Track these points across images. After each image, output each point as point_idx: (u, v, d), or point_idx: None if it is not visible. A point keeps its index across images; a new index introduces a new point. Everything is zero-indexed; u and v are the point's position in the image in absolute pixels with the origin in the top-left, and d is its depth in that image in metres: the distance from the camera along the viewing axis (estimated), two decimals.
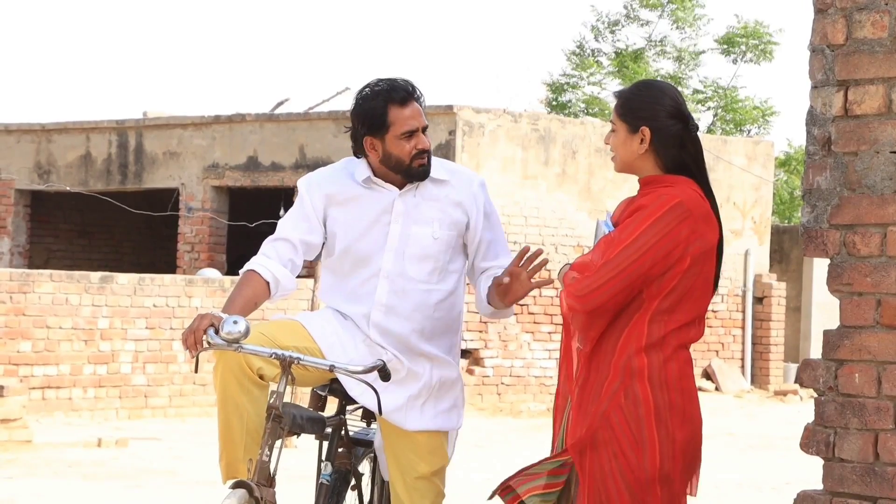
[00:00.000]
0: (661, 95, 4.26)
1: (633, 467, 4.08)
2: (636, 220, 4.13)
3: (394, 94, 4.61)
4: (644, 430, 4.08)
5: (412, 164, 4.62)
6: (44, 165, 20.73)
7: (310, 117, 18.88)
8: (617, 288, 4.09)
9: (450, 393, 4.74)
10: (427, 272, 4.67)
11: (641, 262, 4.08)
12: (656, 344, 4.12)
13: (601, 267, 4.11)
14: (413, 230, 4.66)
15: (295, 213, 4.73)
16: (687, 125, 4.24)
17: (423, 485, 4.68)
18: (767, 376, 20.85)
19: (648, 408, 4.09)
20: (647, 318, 4.12)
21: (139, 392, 15.20)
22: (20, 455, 11.66)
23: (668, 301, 4.12)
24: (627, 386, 4.10)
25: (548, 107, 30.62)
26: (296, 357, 4.41)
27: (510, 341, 17.97)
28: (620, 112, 4.26)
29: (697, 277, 4.15)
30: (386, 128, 4.60)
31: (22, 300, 14.33)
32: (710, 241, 4.17)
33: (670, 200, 4.13)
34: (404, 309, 4.65)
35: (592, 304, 4.11)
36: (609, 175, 18.87)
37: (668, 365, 4.12)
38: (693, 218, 4.13)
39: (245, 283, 4.62)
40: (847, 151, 4.04)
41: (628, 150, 4.25)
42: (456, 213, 4.70)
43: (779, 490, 10.54)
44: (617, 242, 4.12)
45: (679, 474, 4.14)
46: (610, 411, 4.10)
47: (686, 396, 4.15)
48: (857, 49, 4.03)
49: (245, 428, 4.57)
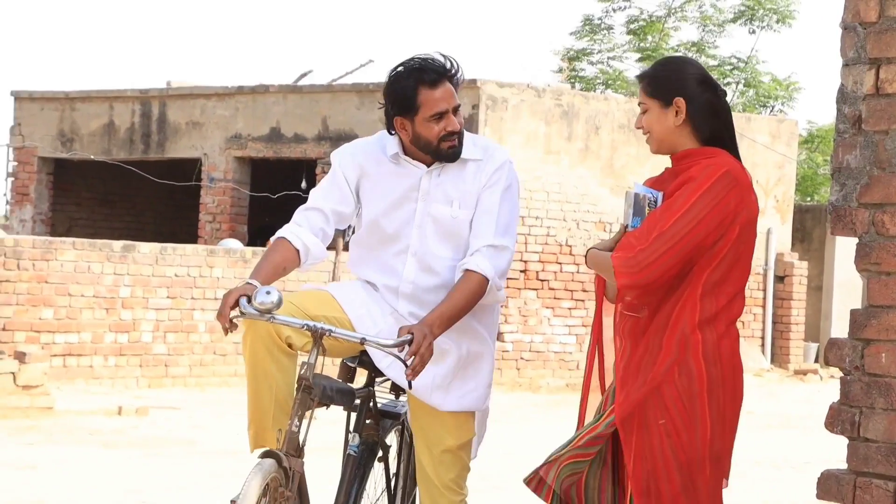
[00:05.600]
0: (687, 65, 4.27)
1: (686, 447, 4.07)
2: (687, 192, 4.12)
3: (424, 75, 4.55)
4: (697, 406, 4.08)
5: (440, 146, 4.59)
6: (67, 134, 20.76)
7: (333, 89, 18.86)
8: (673, 260, 4.08)
9: (478, 372, 4.71)
10: (451, 250, 4.65)
11: (696, 232, 4.08)
12: (710, 320, 4.12)
13: (654, 240, 4.08)
14: (434, 208, 4.65)
15: (327, 183, 4.72)
16: (716, 92, 4.23)
17: (449, 458, 4.68)
18: (788, 355, 20.82)
19: (702, 384, 4.09)
20: (699, 292, 4.11)
21: (160, 361, 15.24)
22: (41, 422, 11.71)
23: (719, 272, 4.12)
24: (682, 361, 4.10)
25: (568, 79, 30.41)
26: (327, 329, 4.40)
27: (530, 316, 17.96)
28: (649, 90, 4.24)
29: (744, 246, 4.16)
30: (415, 109, 4.56)
31: (44, 268, 14.38)
32: (754, 210, 4.20)
33: (718, 170, 4.13)
34: (432, 286, 4.64)
35: (648, 278, 4.09)
36: (632, 151, 18.83)
37: (721, 342, 4.13)
38: (740, 186, 4.16)
39: (275, 250, 4.62)
40: (878, 130, 4.02)
41: (664, 125, 4.23)
42: (474, 190, 4.66)
43: (798, 469, 10.53)
44: (669, 214, 4.10)
45: (727, 453, 4.15)
46: (663, 385, 4.09)
47: (736, 373, 4.17)
48: (889, 27, 3.99)
49: (274, 397, 4.56)
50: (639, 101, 4.30)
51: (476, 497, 5.38)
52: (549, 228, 18.06)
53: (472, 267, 4.54)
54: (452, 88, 4.59)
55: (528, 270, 17.86)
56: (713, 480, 4.12)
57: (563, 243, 18.19)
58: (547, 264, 18.07)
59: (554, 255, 18.13)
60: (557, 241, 18.13)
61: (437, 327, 4.43)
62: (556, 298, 18.21)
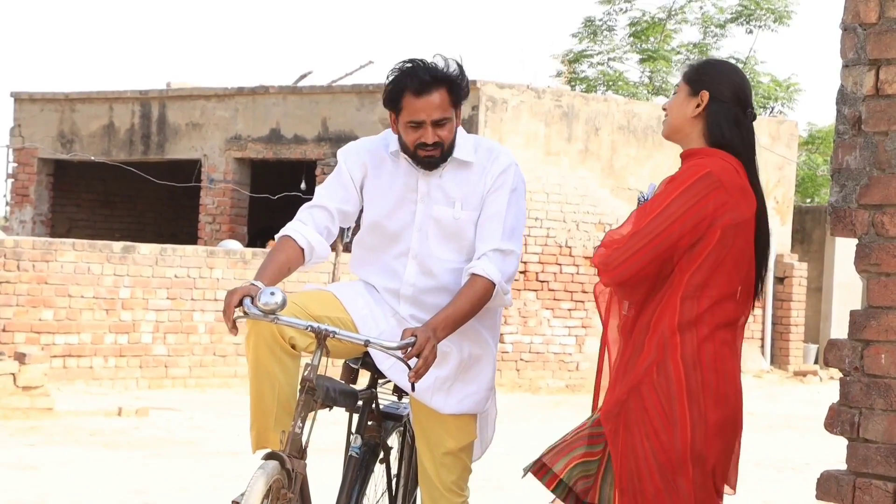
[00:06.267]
0: (733, 74, 4.27)
1: (666, 447, 4.06)
2: (666, 191, 4.13)
3: (410, 80, 4.50)
4: (676, 408, 4.07)
5: (417, 153, 4.57)
6: (67, 135, 20.77)
7: (333, 90, 18.86)
8: (646, 259, 4.08)
9: (480, 375, 4.70)
10: (453, 252, 4.63)
11: (669, 232, 4.07)
12: (691, 323, 4.09)
13: (629, 238, 4.10)
14: (435, 210, 4.62)
15: (332, 181, 4.71)
16: (745, 111, 4.23)
17: (451, 460, 4.68)
18: (787, 357, 20.82)
19: (681, 386, 4.07)
20: (680, 294, 4.09)
21: (160, 362, 15.24)
22: (42, 422, 11.71)
23: (700, 275, 4.10)
24: (660, 362, 4.09)
25: (568, 82, 30.40)
26: (332, 331, 4.38)
27: (530, 317, 17.96)
28: (688, 76, 4.26)
29: (730, 250, 4.11)
30: (399, 111, 4.56)
31: (44, 269, 14.38)
32: (743, 213, 4.12)
33: (699, 171, 4.11)
34: (433, 289, 4.63)
35: (622, 276, 4.11)
36: (632, 152, 18.83)
37: (703, 345, 4.09)
38: (724, 189, 4.10)
39: (280, 249, 4.60)
40: (877, 131, 4.02)
41: (682, 111, 4.23)
42: (479, 192, 4.62)
43: (798, 470, 10.53)
44: (646, 213, 4.12)
45: (713, 456, 4.11)
46: (642, 385, 4.09)
47: (722, 377, 4.11)
48: (889, 28, 4.00)
49: (277, 398, 4.55)
50: (677, 84, 4.33)
51: (477, 498, 5.38)
52: (549, 230, 18.06)
53: (478, 271, 4.51)
54: (445, 97, 4.51)
55: (528, 271, 17.86)
56: (698, 482, 4.10)
57: (562, 244, 18.19)
58: (547, 265, 18.07)
59: (554, 257, 18.13)
60: (557, 243, 18.13)
61: (441, 331, 4.41)
62: (555, 300, 18.21)
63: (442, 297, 4.60)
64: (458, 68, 4.55)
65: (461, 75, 4.55)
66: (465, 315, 4.48)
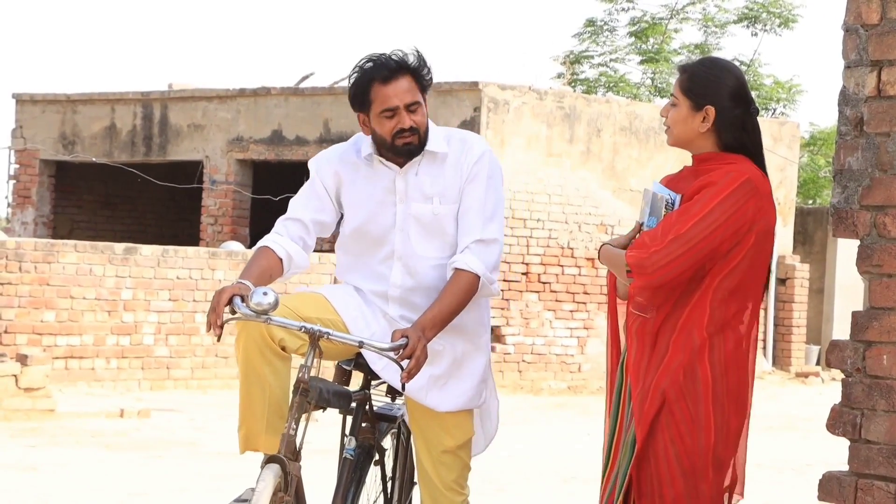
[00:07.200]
0: (727, 74, 4.25)
1: (689, 451, 4.07)
2: (707, 196, 4.12)
3: (376, 71, 4.50)
4: (701, 410, 4.08)
5: (395, 143, 4.54)
6: (69, 136, 20.77)
7: (335, 91, 18.86)
8: (687, 264, 4.09)
9: (473, 370, 4.69)
10: (437, 249, 4.62)
11: (712, 237, 4.09)
12: (720, 327, 4.12)
13: (670, 242, 4.09)
14: (414, 208, 4.60)
15: (306, 192, 4.69)
16: (748, 108, 4.24)
17: (449, 458, 4.68)
18: (789, 358, 20.82)
19: (707, 388, 4.09)
20: (710, 298, 4.12)
21: (161, 363, 15.25)
22: (43, 424, 11.72)
23: (732, 279, 4.13)
24: (688, 364, 4.10)
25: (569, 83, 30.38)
26: (325, 332, 4.37)
27: (532, 318, 17.96)
28: (685, 88, 4.24)
29: (759, 255, 4.16)
30: (368, 105, 4.53)
31: (46, 270, 14.38)
32: (772, 219, 4.19)
33: (739, 177, 4.13)
34: (420, 288, 4.61)
35: (661, 279, 4.10)
36: (633, 153, 18.83)
37: (730, 350, 4.13)
38: (759, 195, 4.15)
39: (261, 256, 4.59)
40: (879, 132, 4.02)
41: (688, 126, 4.24)
42: (456, 184, 4.61)
43: (800, 472, 10.53)
44: (687, 217, 4.11)
45: (730, 461, 4.15)
46: (668, 387, 4.09)
47: (742, 384, 4.16)
48: (891, 29, 3.99)
49: (267, 400, 4.55)
50: (671, 91, 4.31)
51: (479, 499, 5.38)
52: (551, 231, 18.06)
53: (461, 265, 4.51)
54: (413, 84, 4.52)
55: (530, 273, 17.86)
56: (717, 487, 4.12)
57: (564, 246, 18.19)
58: (549, 267, 18.07)
59: (556, 258, 18.13)
60: (559, 244, 18.13)
61: (430, 330, 4.41)
62: (557, 301, 18.20)
63: (430, 296, 4.59)
64: (418, 56, 4.55)
65: (423, 63, 4.55)
66: (452, 311, 4.48)
